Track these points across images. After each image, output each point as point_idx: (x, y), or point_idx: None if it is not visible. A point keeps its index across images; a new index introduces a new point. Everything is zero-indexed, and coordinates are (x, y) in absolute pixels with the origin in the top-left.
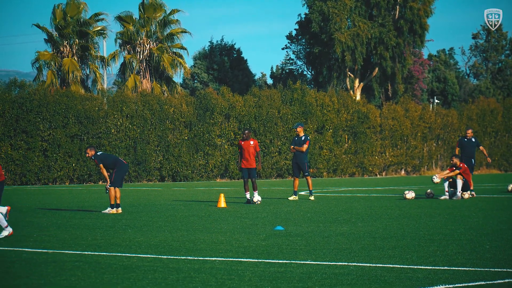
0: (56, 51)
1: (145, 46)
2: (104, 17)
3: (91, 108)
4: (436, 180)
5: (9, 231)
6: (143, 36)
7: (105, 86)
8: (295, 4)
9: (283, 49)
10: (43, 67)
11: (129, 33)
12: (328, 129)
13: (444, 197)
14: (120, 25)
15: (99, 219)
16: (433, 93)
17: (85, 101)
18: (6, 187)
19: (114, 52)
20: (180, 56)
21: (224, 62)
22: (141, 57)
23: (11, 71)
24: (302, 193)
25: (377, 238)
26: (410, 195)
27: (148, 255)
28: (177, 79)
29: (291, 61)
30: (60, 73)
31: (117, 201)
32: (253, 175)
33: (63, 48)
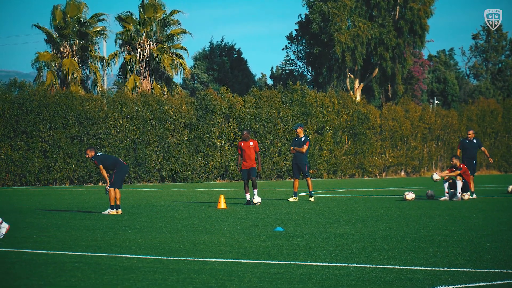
0: (56, 52)
1: (145, 46)
2: (104, 18)
3: (91, 109)
4: (435, 177)
5: (6, 227)
6: (143, 36)
7: (105, 86)
8: (295, 5)
9: (283, 49)
10: (43, 68)
11: (129, 33)
12: (328, 130)
13: (444, 198)
14: (120, 26)
15: (99, 220)
16: (433, 93)
17: (85, 102)
18: (6, 188)
19: (114, 53)
20: (180, 57)
21: (224, 62)
22: (141, 57)
23: (11, 71)
24: (302, 194)
25: (377, 239)
26: (410, 196)
27: (148, 256)
28: (177, 79)
29: (291, 61)
30: (60, 73)
31: (117, 202)
32: (253, 174)
33: (63, 49)
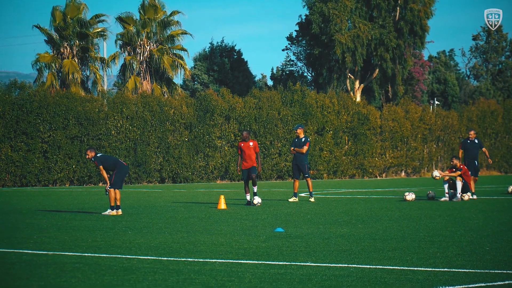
0: (56, 52)
1: (146, 47)
2: (105, 19)
3: (91, 110)
4: (435, 174)
5: None
6: (144, 37)
7: (105, 87)
8: (295, 5)
9: (283, 50)
10: (43, 69)
11: (129, 34)
12: (328, 130)
13: (444, 198)
14: (120, 26)
15: (99, 221)
16: (433, 94)
17: (85, 103)
18: (6, 189)
19: (115, 54)
20: (181, 58)
21: (225, 63)
22: (141, 58)
23: (12, 72)
24: (302, 194)
25: (377, 239)
26: (410, 196)
27: (148, 257)
28: (177, 80)
29: (291, 62)
30: (60, 74)
31: (117, 202)
32: (253, 171)
33: (63, 50)
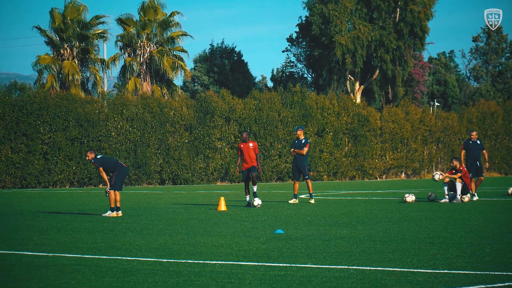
0: (56, 54)
1: (146, 48)
2: (105, 20)
3: (92, 111)
4: (437, 177)
5: None
6: (144, 38)
7: (105, 89)
8: (295, 7)
9: (283, 51)
10: (43, 70)
11: (129, 35)
12: (328, 132)
13: (444, 200)
14: (120, 28)
15: (99, 222)
16: (434, 96)
17: (86, 104)
18: (6, 190)
19: (115, 55)
20: (181, 59)
21: (225, 65)
22: (141, 59)
23: (12, 74)
24: (302, 196)
25: (377, 241)
26: (410, 198)
27: (148, 259)
28: (177, 82)
29: (291, 63)
30: (61, 76)
31: (117, 204)
32: (253, 170)
33: (63, 51)
